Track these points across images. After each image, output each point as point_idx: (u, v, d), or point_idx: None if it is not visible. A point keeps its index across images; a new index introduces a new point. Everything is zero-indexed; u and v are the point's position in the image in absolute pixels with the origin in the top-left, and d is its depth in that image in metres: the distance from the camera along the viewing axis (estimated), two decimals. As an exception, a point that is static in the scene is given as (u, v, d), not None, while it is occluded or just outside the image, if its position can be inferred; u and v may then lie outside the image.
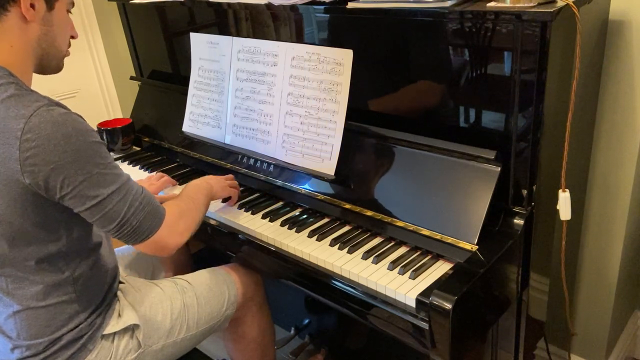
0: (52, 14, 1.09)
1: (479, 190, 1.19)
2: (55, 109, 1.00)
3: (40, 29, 1.07)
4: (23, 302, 1.13)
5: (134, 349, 1.24)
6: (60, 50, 1.14)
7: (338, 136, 1.40)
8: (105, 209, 1.04)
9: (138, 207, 1.08)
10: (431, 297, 1.03)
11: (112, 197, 1.04)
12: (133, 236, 1.09)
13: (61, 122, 0.99)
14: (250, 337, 1.52)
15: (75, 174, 1.00)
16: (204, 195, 1.32)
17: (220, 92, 1.68)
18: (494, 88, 1.18)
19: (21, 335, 1.15)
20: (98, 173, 1.02)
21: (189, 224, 1.20)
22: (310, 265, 1.28)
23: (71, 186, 1.00)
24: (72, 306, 1.16)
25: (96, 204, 1.03)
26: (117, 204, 1.05)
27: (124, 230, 1.08)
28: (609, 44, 1.37)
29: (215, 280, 1.43)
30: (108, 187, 1.04)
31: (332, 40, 1.44)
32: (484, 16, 1.12)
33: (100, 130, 1.93)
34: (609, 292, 1.61)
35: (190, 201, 1.26)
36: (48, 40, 1.10)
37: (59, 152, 0.98)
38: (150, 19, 1.96)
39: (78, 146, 1.00)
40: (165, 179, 1.67)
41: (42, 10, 1.07)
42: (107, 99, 2.72)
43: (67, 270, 1.13)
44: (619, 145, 1.45)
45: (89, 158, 1.01)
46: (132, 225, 1.07)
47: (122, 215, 1.06)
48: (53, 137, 0.97)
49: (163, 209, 1.14)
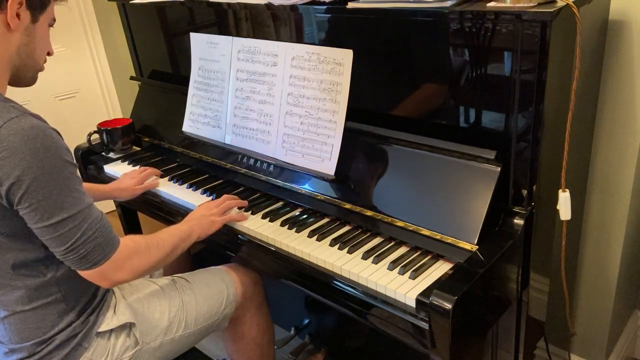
0: (35, 27, 1.09)
1: (479, 190, 1.19)
2: (26, 121, 0.98)
3: (21, 39, 1.07)
4: (9, 308, 1.13)
5: (131, 347, 1.25)
6: (37, 63, 1.13)
7: (338, 136, 1.40)
8: (56, 232, 1.02)
9: (90, 237, 1.05)
10: (431, 297, 1.03)
11: (67, 222, 1.02)
12: (78, 263, 1.06)
13: (31, 136, 0.97)
14: (249, 337, 1.52)
15: (35, 192, 0.98)
16: (177, 237, 1.27)
17: (220, 92, 1.68)
18: (494, 88, 1.18)
19: (13, 339, 1.15)
20: (58, 194, 1.00)
21: (141, 264, 1.15)
22: (310, 265, 1.28)
23: (27, 202, 0.98)
24: (59, 306, 1.16)
25: (48, 225, 1.01)
26: (70, 230, 1.02)
27: (69, 256, 1.05)
28: (609, 44, 1.37)
29: (214, 278, 1.43)
30: (66, 210, 1.01)
31: (332, 40, 1.44)
32: (484, 16, 1.12)
33: (100, 130, 1.93)
34: (609, 292, 1.62)
35: (155, 242, 1.21)
36: (28, 51, 1.09)
37: (22, 167, 0.96)
38: (150, 19, 1.96)
39: (44, 163, 0.98)
40: (149, 170, 1.71)
41: (27, 21, 1.06)
42: (107, 99, 2.73)
43: (49, 273, 1.13)
44: (619, 145, 1.45)
45: (52, 177, 0.99)
46: (79, 254, 1.05)
47: (72, 242, 1.03)
48: (19, 150, 0.96)
49: (117, 241, 1.11)
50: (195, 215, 1.40)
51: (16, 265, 1.09)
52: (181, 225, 1.34)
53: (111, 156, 1.95)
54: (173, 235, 1.27)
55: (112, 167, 1.87)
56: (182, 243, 1.28)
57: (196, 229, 1.34)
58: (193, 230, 1.33)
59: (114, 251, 1.09)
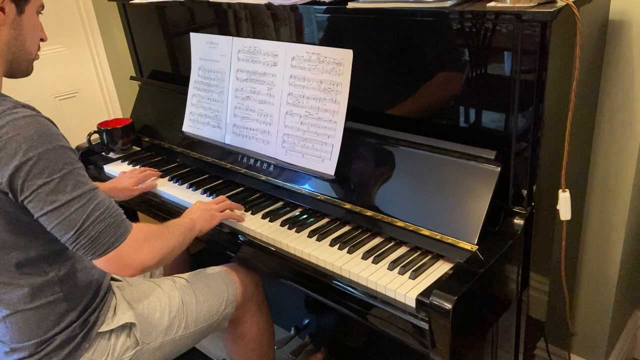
0: (22, 18, 1.07)
1: (479, 190, 1.19)
2: (19, 112, 0.98)
3: (9, 33, 1.06)
4: (11, 306, 1.13)
5: (131, 347, 1.25)
6: (29, 53, 1.12)
7: (338, 136, 1.40)
8: (62, 216, 1.00)
9: (99, 217, 1.02)
10: (431, 297, 1.03)
11: (71, 204, 1.00)
12: (91, 248, 1.03)
13: (24, 124, 0.97)
14: (249, 337, 1.52)
15: (35, 177, 0.97)
16: (183, 227, 1.26)
17: (220, 92, 1.68)
18: (494, 88, 1.18)
19: (14, 338, 1.15)
20: (60, 177, 0.99)
21: (158, 247, 1.13)
22: (310, 265, 1.28)
23: (30, 189, 0.98)
24: (61, 305, 1.16)
25: (53, 209, 0.99)
26: (76, 211, 1.00)
27: (80, 241, 1.02)
28: (609, 44, 1.37)
29: (214, 278, 1.43)
30: (69, 193, 1.00)
31: (332, 40, 1.44)
32: (484, 16, 1.12)
33: (100, 130, 1.93)
34: (609, 292, 1.61)
35: (164, 228, 1.20)
36: (18, 44, 1.08)
37: (19, 156, 0.96)
38: (150, 19, 1.96)
39: (40, 150, 0.97)
40: (148, 172, 1.69)
41: (12, 14, 1.05)
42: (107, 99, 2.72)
43: (51, 272, 1.13)
44: (619, 145, 1.45)
45: (50, 162, 0.98)
46: (90, 236, 1.01)
47: (80, 224, 1.00)
48: (14, 140, 0.96)
49: (130, 224, 1.08)
50: (195, 209, 1.39)
51: (20, 263, 1.09)
52: (183, 218, 1.32)
53: (111, 156, 1.95)
54: (179, 225, 1.26)
55: (112, 167, 1.87)
56: (188, 233, 1.27)
57: (198, 221, 1.33)
58: (195, 223, 1.32)
59: (128, 232, 1.06)
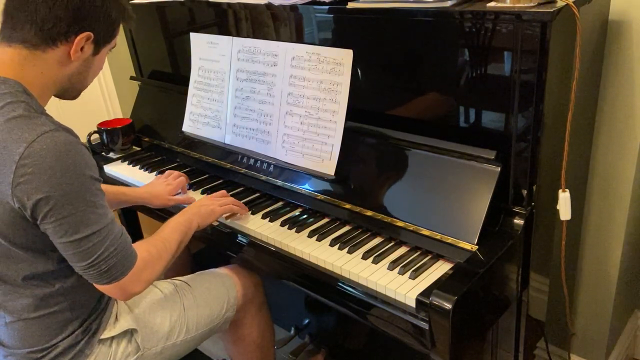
0: (95, 58, 1.10)
1: (479, 190, 1.19)
2: (60, 136, 0.98)
3: (77, 68, 1.08)
4: (14, 314, 1.13)
5: (132, 353, 1.24)
6: (85, 86, 1.14)
7: (338, 136, 1.40)
8: (80, 248, 1.01)
9: (112, 252, 1.04)
10: (431, 297, 1.03)
11: (91, 238, 1.01)
12: (97, 278, 1.06)
13: (63, 151, 0.97)
14: (250, 339, 1.52)
15: (62, 208, 0.97)
16: (181, 232, 1.26)
17: (220, 92, 1.68)
18: (494, 88, 1.18)
19: (16, 344, 1.15)
20: (84, 211, 1.00)
21: (154, 273, 1.15)
22: (310, 265, 1.28)
23: (53, 217, 0.98)
24: (64, 315, 1.15)
25: (73, 241, 1.01)
26: (94, 245, 1.02)
27: (90, 271, 1.04)
28: (609, 44, 1.37)
29: (215, 282, 1.43)
30: (90, 226, 1.01)
31: (332, 40, 1.44)
32: (484, 16, 1.12)
33: (100, 130, 1.93)
34: (609, 292, 1.61)
35: (163, 245, 1.20)
36: (80, 78, 1.11)
37: (52, 184, 0.96)
38: (150, 19, 1.96)
39: (73, 180, 0.97)
40: (181, 180, 1.60)
41: (88, 53, 1.07)
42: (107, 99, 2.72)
43: (57, 283, 1.13)
44: (619, 145, 1.45)
45: (80, 194, 0.99)
46: (100, 269, 1.04)
47: (94, 258, 1.03)
48: (50, 167, 0.95)
49: (135, 255, 1.10)
50: (194, 205, 1.38)
51: (27, 276, 1.09)
52: (180, 217, 1.31)
53: (111, 156, 1.95)
54: (175, 231, 1.25)
55: (112, 167, 1.86)
56: (185, 237, 1.27)
57: (195, 218, 1.32)
58: (192, 220, 1.31)
59: (133, 266, 1.09)
